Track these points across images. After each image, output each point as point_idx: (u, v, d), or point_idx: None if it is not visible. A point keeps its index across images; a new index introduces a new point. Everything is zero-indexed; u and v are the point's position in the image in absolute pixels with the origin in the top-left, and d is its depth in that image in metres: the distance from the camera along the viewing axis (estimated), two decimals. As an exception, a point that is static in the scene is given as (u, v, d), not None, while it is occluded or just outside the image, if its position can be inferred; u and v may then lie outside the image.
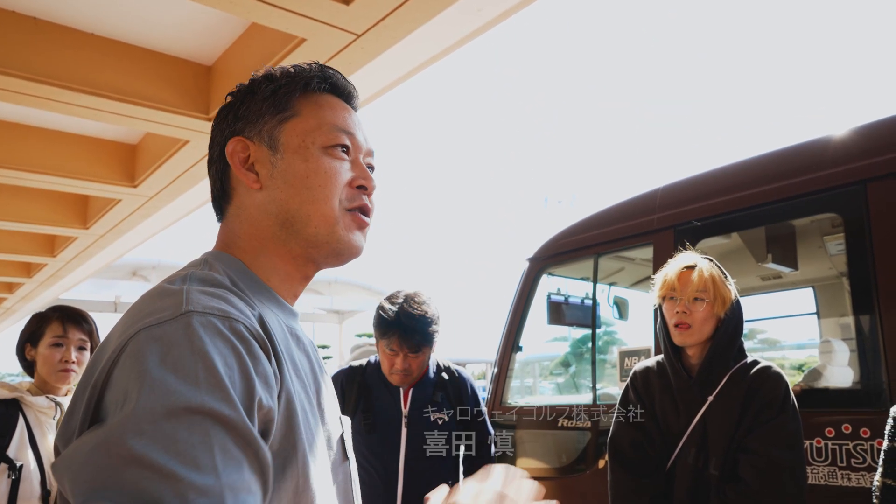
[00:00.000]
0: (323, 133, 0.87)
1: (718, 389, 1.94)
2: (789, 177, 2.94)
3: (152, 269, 17.39)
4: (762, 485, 1.80)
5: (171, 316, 0.67)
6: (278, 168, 0.86)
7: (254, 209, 0.87)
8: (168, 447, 0.57)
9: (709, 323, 1.95)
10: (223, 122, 0.92)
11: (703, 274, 1.97)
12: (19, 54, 2.28)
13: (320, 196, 0.85)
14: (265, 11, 1.94)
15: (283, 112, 0.88)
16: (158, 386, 0.60)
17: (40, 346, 2.25)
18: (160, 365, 0.62)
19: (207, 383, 0.62)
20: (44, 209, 4.29)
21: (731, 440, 1.88)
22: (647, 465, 2.01)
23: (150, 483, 0.55)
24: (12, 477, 2.06)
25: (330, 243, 0.86)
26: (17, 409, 2.16)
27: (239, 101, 0.91)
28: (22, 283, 6.81)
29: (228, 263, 0.85)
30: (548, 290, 4.05)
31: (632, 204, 3.56)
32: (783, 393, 1.90)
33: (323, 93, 0.92)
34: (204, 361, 0.63)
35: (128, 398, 0.60)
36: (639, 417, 2.07)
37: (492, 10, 2.21)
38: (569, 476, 3.41)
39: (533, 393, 6.99)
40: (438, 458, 2.37)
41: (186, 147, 3.02)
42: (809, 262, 3.94)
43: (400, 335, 2.24)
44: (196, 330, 0.65)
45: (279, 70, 0.92)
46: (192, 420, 0.59)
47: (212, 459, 0.58)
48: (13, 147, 3.24)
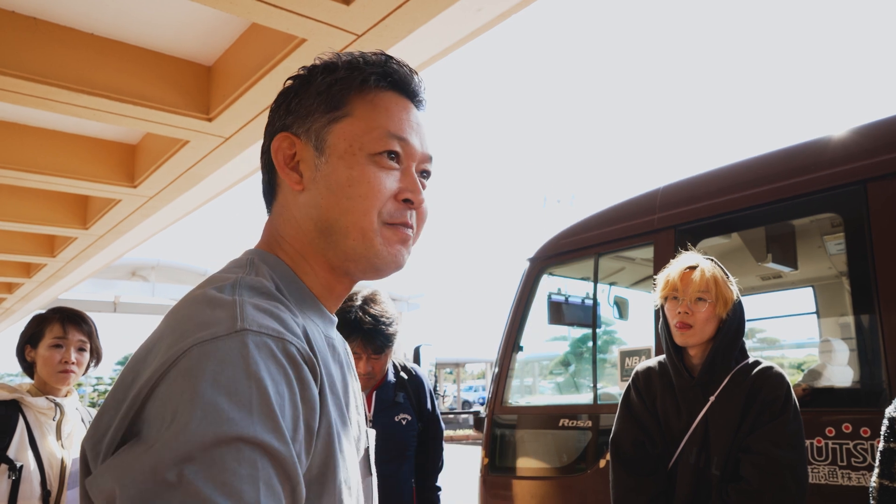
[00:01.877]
0: (372, 139, 0.81)
1: (720, 389, 1.95)
2: (789, 177, 2.94)
3: (152, 269, 17.36)
4: (764, 484, 1.80)
5: (225, 332, 0.64)
6: (322, 171, 0.81)
7: (296, 210, 0.83)
8: (215, 476, 0.56)
9: (711, 323, 1.96)
10: (276, 113, 0.87)
11: (704, 274, 1.97)
12: (19, 54, 2.28)
13: (360, 208, 0.79)
14: (265, 11, 1.94)
15: (335, 111, 0.82)
16: (211, 410, 0.59)
17: (40, 347, 2.25)
18: (213, 387, 0.60)
19: (260, 412, 0.60)
20: (43, 209, 4.29)
21: (733, 440, 1.89)
22: (648, 464, 2.01)
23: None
24: (12, 477, 2.06)
25: (368, 258, 0.81)
26: (16, 409, 2.17)
27: (294, 90, 0.86)
28: (21, 283, 6.81)
29: (274, 267, 0.82)
30: (548, 290, 4.05)
31: (632, 204, 3.56)
32: (785, 393, 1.91)
33: (382, 89, 0.85)
34: (258, 387, 0.61)
35: (176, 417, 0.59)
36: (640, 417, 2.07)
37: (492, 9, 2.21)
38: (569, 476, 3.41)
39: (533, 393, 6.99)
40: (404, 460, 2.37)
41: (186, 147, 3.01)
42: (809, 261, 3.94)
43: (362, 338, 2.20)
44: (251, 352, 0.63)
45: (343, 58, 0.85)
46: (242, 450, 0.58)
47: (256, 494, 0.57)
48: (13, 147, 3.24)
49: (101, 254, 5.37)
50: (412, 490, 2.41)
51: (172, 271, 17.54)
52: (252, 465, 0.58)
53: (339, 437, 0.74)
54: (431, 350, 5.32)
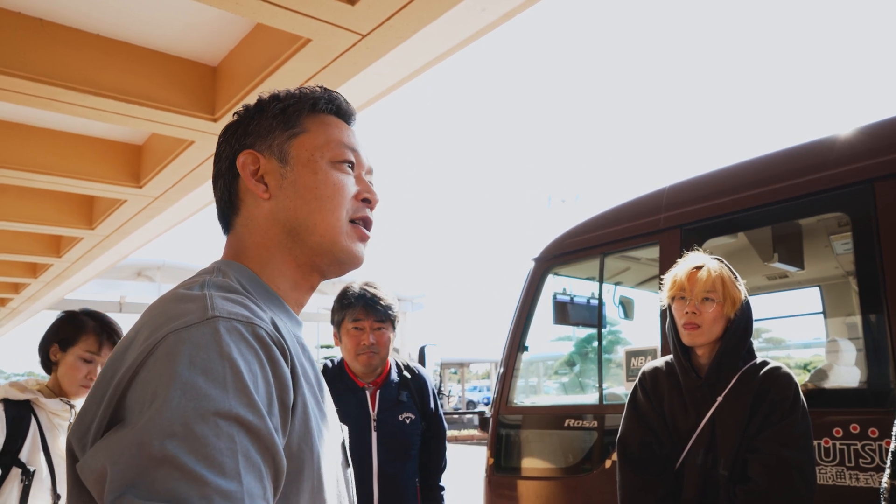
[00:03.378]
0: (331, 149, 0.93)
1: (728, 390, 1.94)
2: (796, 176, 2.93)
3: (157, 269, 17.39)
4: (772, 485, 1.80)
5: (198, 319, 0.70)
6: (287, 179, 0.91)
7: (262, 218, 0.91)
8: (197, 450, 0.61)
9: (718, 323, 1.96)
10: (232, 138, 0.96)
11: (711, 274, 1.97)
12: (25, 55, 2.29)
13: (328, 206, 0.90)
14: (270, 12, 1.94)
15: (293, 128, 0.93)
16: (189, 388, 0.64)
17: (69, 354, 2.15)
18: (189, 368, 0.65)
19: (235, 388, 0.65)
20: (50, 210, 4.30)
21: (741, 440, 1.88)
22: (655, 464, 2.01)
23: (178, 484, 0.59)
24: (25, 482, 2.02)
25: (333, 252, 0.90)
26: (29, 410, 2.11)
27: (248, 117, 0.97)
28: (28, 283, 6.83)
29: (239, 271, 0.89)
30: (553, 290, 4.04)
31: (638, 203, 3.55)
32: (793, 393, 1.90)
33: (328, 113, 0.97)
34: (231, 366, 0.67)
35: (156, 398, 0.64)
36: (647, 417, 2.07)
37: (496, 9, 2.21)
38: (575, 476, 3.40)
39: (538, 393, 6.98)
40: (408, 458, 2.37)
41: (191, 147, 3.02)
42: (816, 261, 3.92)
43: (364, 304, 2.30)
44: (222, 335, 0.69)
45: (285, 92, 0.98)
46: (221, 425, 0.63)
47: (236, 465, 0.62)
48: (19, 148, 3.25)
49: (106, 254, 5.39)
50: (416, 489, 2.40)
51: (178, 272, 17.55)
52: (230, 439, 0.62)
53: (316, 418, 0.79)
54: (436, 350, 5.32)
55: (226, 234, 0.96)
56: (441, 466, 2.54)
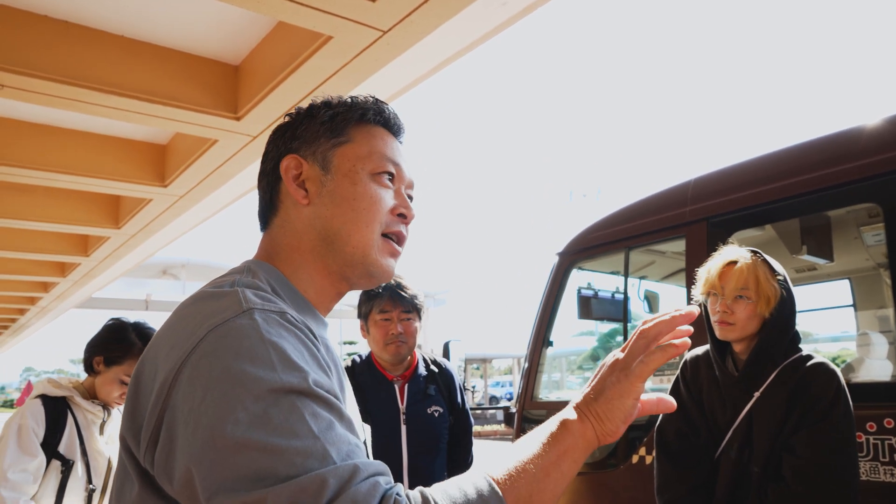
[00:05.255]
0: (373, 161, 0.93)
1: (765, 386, 1.89)
2: (825, 166, 2.87)
3: (182, 267, 17.60)
4: (804, 489, 1.74)
5: (234, 313, 0.72)
6: (327, 187, 0.92)
7: (299, 223, 0.93)
8: (266, 425, 0.63)
9: (753, 321, 1.89)
10: (280, 139, 0.98)
11: (744, 272, 1.89)
12: (52, 57, 2.32)
13: (363, 219, 0.90)
14: (292, 9, 1.95)
15: (339, 137, 0.94)
16: (240, 377, 0.66)
17: (112, 371, 2.20)
18: (236, 358, 0.67)
19: (282, 365, 0.68)
20: (77, 210, 4.37)
21: (776, 438, 1.83)
22: (691, 454, 1.98)
23: (260, 461, 0.62)
24: (63, 473, 2.10)
25: (364, 264, 0.91)
26: (65, 406, 2.18)
27: (297, 121, 0.98)
28: (57, 282, 6.95)
29: (269, 272, 0.90)
30: (578, 285, 4.01)
31: (663, 196, 3.50)
32: (834, 391, 1.80)
33: (376, 125, 0.98)
34: (274, 348, 0.69)
35: (210, 392, 0.66)
36: (686, 407, 2.03)
37: (517, 3, 2.19)
38: (600, 471, 3.38)
39: (563, 388, 6.95)
40: (437, 452, 2.38)
41: (215, 146, 3.04)
42: (846, 253, 3.85)
43: (391, 295, 2.33)
44: (260, 323, 0.71)
45: (337, 98, 0.99)
46: (278, 398, 0.65)
47: (306, 425, 0.65)
48: (46, 149, 3.30)
49: (132, 253, 5.46)
50: None
51: (202, 269, 17.75)
52: (291, 406, 0.65)
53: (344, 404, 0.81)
54: (460, 346, 5.32)
55: (263, 231, 0.98)
56: (469, 461, 2.54)
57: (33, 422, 2.09)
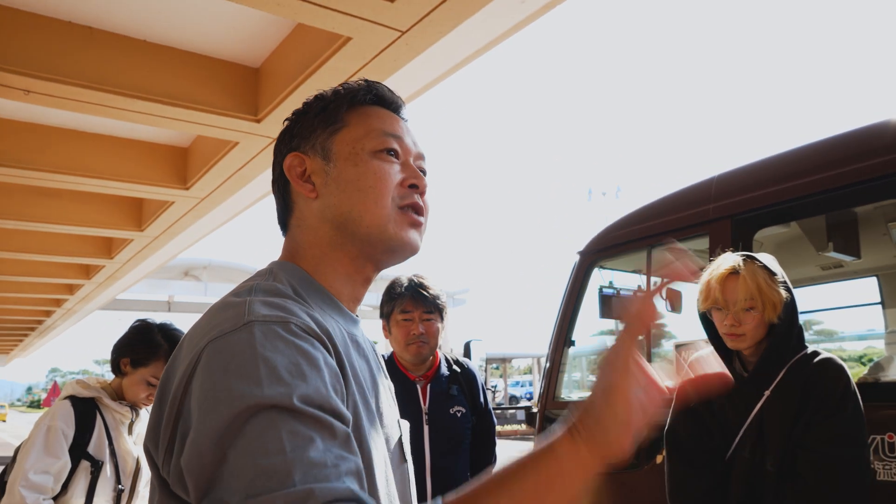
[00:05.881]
0: (371, 139, 0.91)
1: (775, 384, 1.87)
2: (851, 162, 2.81)
3: (203, 268, 17.80)
4: (821, 484, 1.73)
5: (232, 327, 0.72)
6: (331, 176, 0.90)
7: (312, 217, 0.92)
8: (247, 446, 0.63)
9: (761, 329, 1.88)
10: (281, 143, 0.97)
11: (748, 283, 1.86)
12: (77, 63, 2.35)
13: (371, 196, 0.88)
14: (311, 12, 1.95)
15: (333, 125, 0.93)
16: (224, 393, 0.66)
17: (138, 373, 2.21)
18: (224, 374, 0.67)
19: (269, 380, 0.66)
20: (101, 213, 4.43)
21: (789, 436, 1.82)
22: (703, 456, 1.96)
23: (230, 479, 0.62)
24: (93, 473, 2.12)
25: (384, 240, 0.89)
26: (94, 407, 2.20)
27: (294, 122, 0.97)
28: (81, 284, 7.06)
29: (292, 273, 0.89)
30: (599, 284, 3.98)
31: (686, 193, 3.45)
32: (843, 386, 1.80)
33: (370, 105, 0.96)
34: (265, 363, 0.68)
35: (201, 407, 0.67)
36: (696, 408, 2.01)
37: (535, 2, 2.18)
38: (623, 472, 3.36)
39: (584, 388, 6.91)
40: (460, 453, 2.37)
41: (236, 149, 3.07)
42: (873, 250, 3.78)
43: (412, 295, 2.33)
44: (257, 339, 0.70)
45: (329, 90, 0.97)
46: (257, 414, 0.64)
47: (279, 443, 0.63)
48: (72, 153, 3.35)
49: (155, 255, 5.53)
50: None
51: (224, 271, 17.95)
52: (269, 424, 0.64)
53: (363, 417, 0.79)
54: (481, 345, 5.30)
55: (284, 235, 0.98)
56: (492, 461, 2.53)
57: (63, 423, 2.11)
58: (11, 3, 2.24)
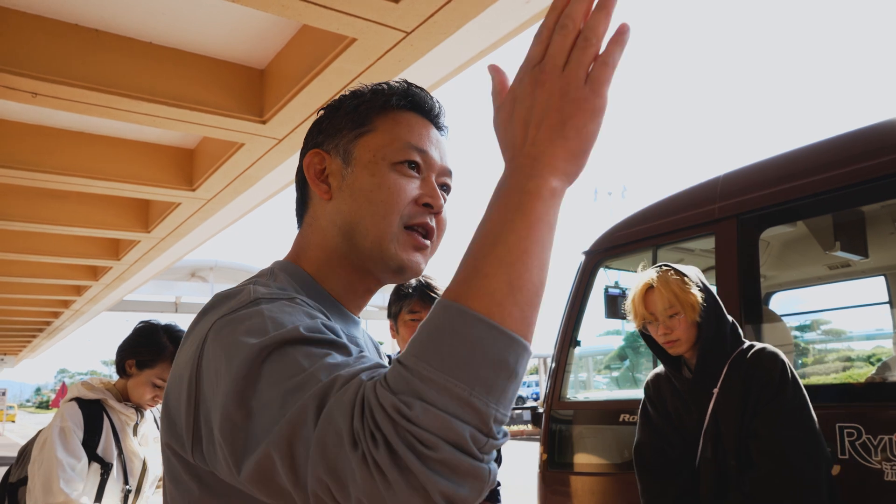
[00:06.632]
0: (394, 149, 0.87)
1: (721, 381, 1.98)
2: (859, 161, 2.80)
3: (210, 269, 17.86)
4: (773, 466, 1.81)
5: (242, 304, 0.73)
6: (347, 180, 0.88)
7: (323, 219, 0.90)
8: (271, 379, 0.63)
9: (692, 330, 2.01)
10: (308, 136, 0.95)
11: (663, 292, 2.01)
12: (83, 65, 2.37)
13: (380, 211, 0.85)
14: (316, 13, 1.96)
15: (361, 127, 0.89)
16: (235, 349, 0.66)
17: (144, 374, 2.21)
18: (240, 335, 0.67)
19: (275, 327, 0.67)
20: (108, 214, 4.45)
21: (741, 428, 1.91)
22: (669, 467, 2.07)
23: (263, 419, 0.61)
24: (103, 475, 2.12)
25: (384, 259, 0.86)
26: (101, 409, 2.20)
27: (325, 116, 0.94)
28: (89, 285, 7.09)
29: (294, 274, 0.89)
30: (605, 284, 3.97)
31: (691, 193, 3.44)
32: (779, 370, 1.91)
33: (403, 110, 0.91)
34: (273, 321, 0.68)
35: (220, 368, 0.67)
36: (656, 424, 2.14)
37: (539, 2, 2.18)
38: (630, 472, 3.35)
39: (590, 388, 6.90)
40: None
41: (242, 150, 3.07)
42: (881, 249, 3.76)
43: (420, 295, 2.33)
44: (264, 308, 0.71)
45: (367, 87, 0.94)
46: (270, 356, 0.64)
47: (297, 366, 0.63)
48: (79, 155, 3.37)
49: (162, 256, 5.55)
50: None
51: (230, 272, 18.00)
52: (283, 355, 0.64)
53: None
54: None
55: (298, 228, 0.97)
56: (497, 461, 2.53)
57: (73, 424, 2.11)
58: (18, 6, 2.25)
